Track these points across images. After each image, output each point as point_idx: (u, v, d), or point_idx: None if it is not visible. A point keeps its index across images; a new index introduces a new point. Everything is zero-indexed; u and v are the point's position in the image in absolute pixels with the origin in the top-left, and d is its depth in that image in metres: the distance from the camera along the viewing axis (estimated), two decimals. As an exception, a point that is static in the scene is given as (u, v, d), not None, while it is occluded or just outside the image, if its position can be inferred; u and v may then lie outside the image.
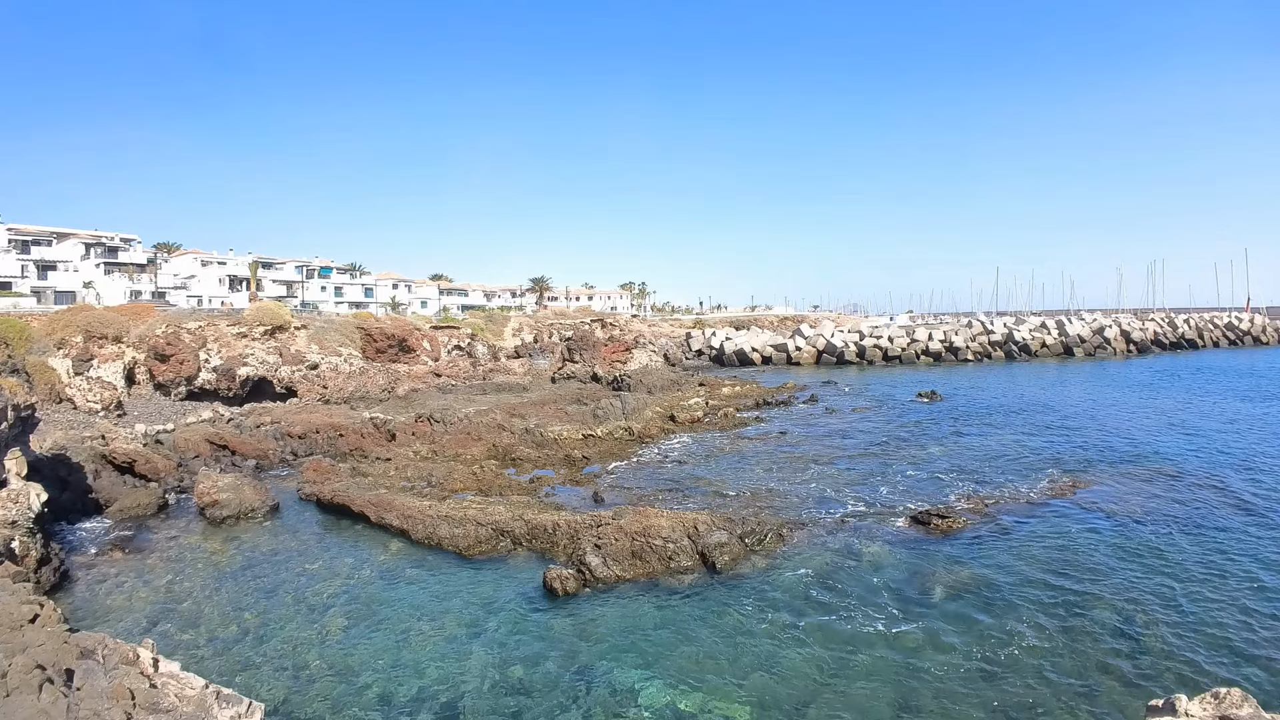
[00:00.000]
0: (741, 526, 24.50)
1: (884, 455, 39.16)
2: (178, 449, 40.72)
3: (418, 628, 19.96)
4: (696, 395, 57.72)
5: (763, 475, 35.03)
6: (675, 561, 22.58)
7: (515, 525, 26.08)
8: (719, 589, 21.60)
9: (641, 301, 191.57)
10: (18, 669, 9.38)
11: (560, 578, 21.58)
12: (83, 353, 56.80)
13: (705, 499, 30.85)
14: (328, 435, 44.31)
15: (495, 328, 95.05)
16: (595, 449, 42.47)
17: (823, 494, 31.40)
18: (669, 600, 21.02)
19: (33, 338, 56.21)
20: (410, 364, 72.37)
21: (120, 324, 61.01)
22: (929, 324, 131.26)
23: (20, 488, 26.16)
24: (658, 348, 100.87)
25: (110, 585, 23.85)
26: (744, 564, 22.96)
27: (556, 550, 24.65)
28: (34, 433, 30.99)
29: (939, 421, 50.17)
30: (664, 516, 24.54)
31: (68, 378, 53.15)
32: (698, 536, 23.35)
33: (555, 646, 18.57)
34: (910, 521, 26.98)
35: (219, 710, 10.02)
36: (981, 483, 32.68)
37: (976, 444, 41.84)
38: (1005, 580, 21.60)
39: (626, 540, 23.05)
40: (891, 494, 31.29)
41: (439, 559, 25.32)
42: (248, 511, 30.06)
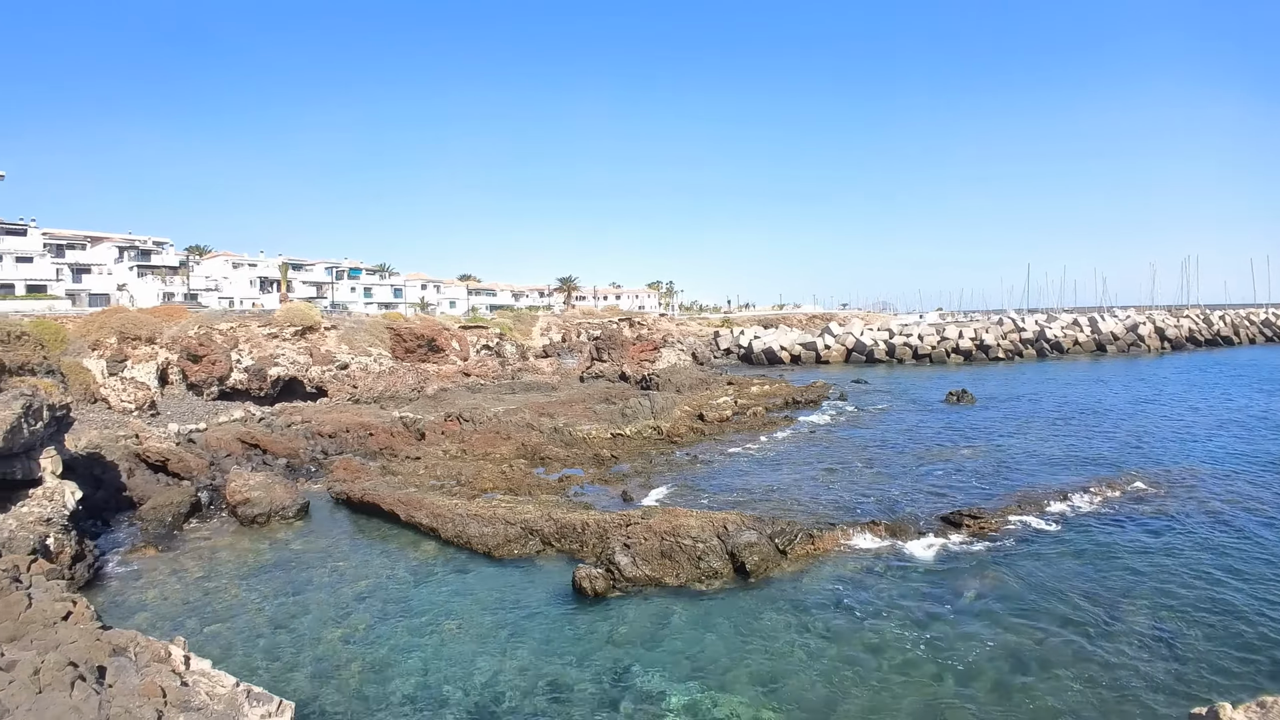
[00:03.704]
0: (771, 527, 24.14)
1: (914, 455, 38.64)
2: (210, 448, 40.95)
3: (447, 627, 19.88)
4: (725, 394, 57.24)
5: (792, 475, 34.66)
6: (705, 562, 22.30)
7: (544, 524, 25.95)
8: (749, 590, 21.37)
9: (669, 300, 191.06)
10: (50, 666, 9.33)
11: (589, 577, 21.41)
12: (117, 354, 57.26)
13: (734, 498, 30.57)
14: (357, 434, 44.42)
15: (523, 327, 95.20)
16: (623, 448, 42.28)
17: (853, 494, 31.05)
18: (698, 601, 20.81)
19: (68, 339, 56.71)
20: (439, 363, 72.51)
21: (153, 325, 61.45)
22: (959, 322, 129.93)
23: (55, 486, 26.40)
24: (686, 346, 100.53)
25: (143, 582, 23.97)
26: (773, 565, 22.67)
27: (585, 550, 24.50)
28: (69, 432, 31.21)
29: (970, 421, 49.51)
30: (693, 516, 24.27)
31: (102, 378, 53.61)
32: (727, 536, 23.05)
33: (584, 647, 18.42)
34: (942, 523, 26.55)
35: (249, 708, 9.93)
36: (1015, 484, 32.12)
37: (1009, 444, 41.14)
38: (1039, 583, 21.18)
39: (655, 540, 22.81)
40: (922, 495, 30.86)
41: (468, 558, 25.26)
42: (278, 510, 30.11)
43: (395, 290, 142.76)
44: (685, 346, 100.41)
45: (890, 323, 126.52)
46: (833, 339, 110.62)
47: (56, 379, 31.96)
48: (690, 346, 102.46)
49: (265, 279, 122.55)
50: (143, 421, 46.53)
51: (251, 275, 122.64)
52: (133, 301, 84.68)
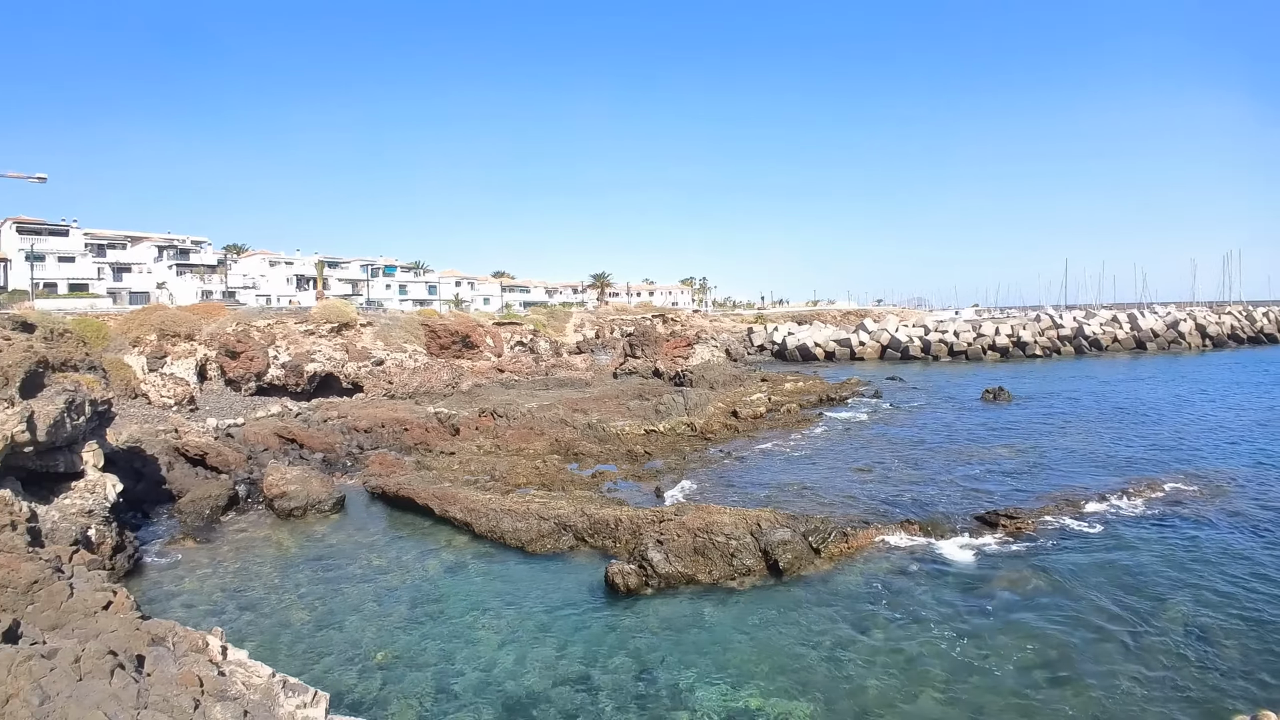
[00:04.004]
0: (805, 525, 23.86)
1: (950, 454, 38.09)
2: (247, 442, 41.36)
3: (480, 621, 19.89)
4: (759, 391, 56.84)
5: (826, 472, 34.36)
6: (738, 559, 22.11)
7: (577, 520, 25.90)
8: (782, 589, 21.17)
9: (703, 297, 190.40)
10: (90, 654, 9.40)
11: (622, 573, 21.32)
12: (157, 350, 58.11)
13: (768, 495, 30.34)
14: (393, 430, 44.65)
15: (557, 324, 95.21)
16: (657, 444, 42.15)
17: (887, 493, 30.68)
18: (731, 599, 20.66)
19: (109, 336, 57.68)
20: (473, 360, 72.79)
21: (192, 322, 62.29)
22: (995, 318, 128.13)
23: (97, 478, 26.78)
24: (719, 343, 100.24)
25: (181, 573, 24.25)
26: (807, 563, 22.43)
27: (618, 545, 24.40)
28: (110, 426, 31.64)
29: (1007, 420, 48.74)
30: (726, 513, 24.08)
31: (142, 374, 54.46)
32: (760, 534, 22.85)
33: (617, 643, 18.35)
34: (977, 522, 26.14)
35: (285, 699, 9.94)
36: (1051, 484, 31.54)
37: (1046, 443, 40.36)
38: (1075, 585, 20.74)
39: (689, 536, 22.65)
40: (958, 493, 30.43)
41: (502, 553, 25.27)
42: (315, 503, 30.33)
43: (430, 287, 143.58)
44: (719, 343, 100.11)
45: (926, 319, 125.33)
46: (867, 335, 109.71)
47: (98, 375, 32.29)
48: (724, 343, 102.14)
49: (302, 277, 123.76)
50: (182, 416, 47.14)
51: (288, 273, 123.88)
52: (172, 299, 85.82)
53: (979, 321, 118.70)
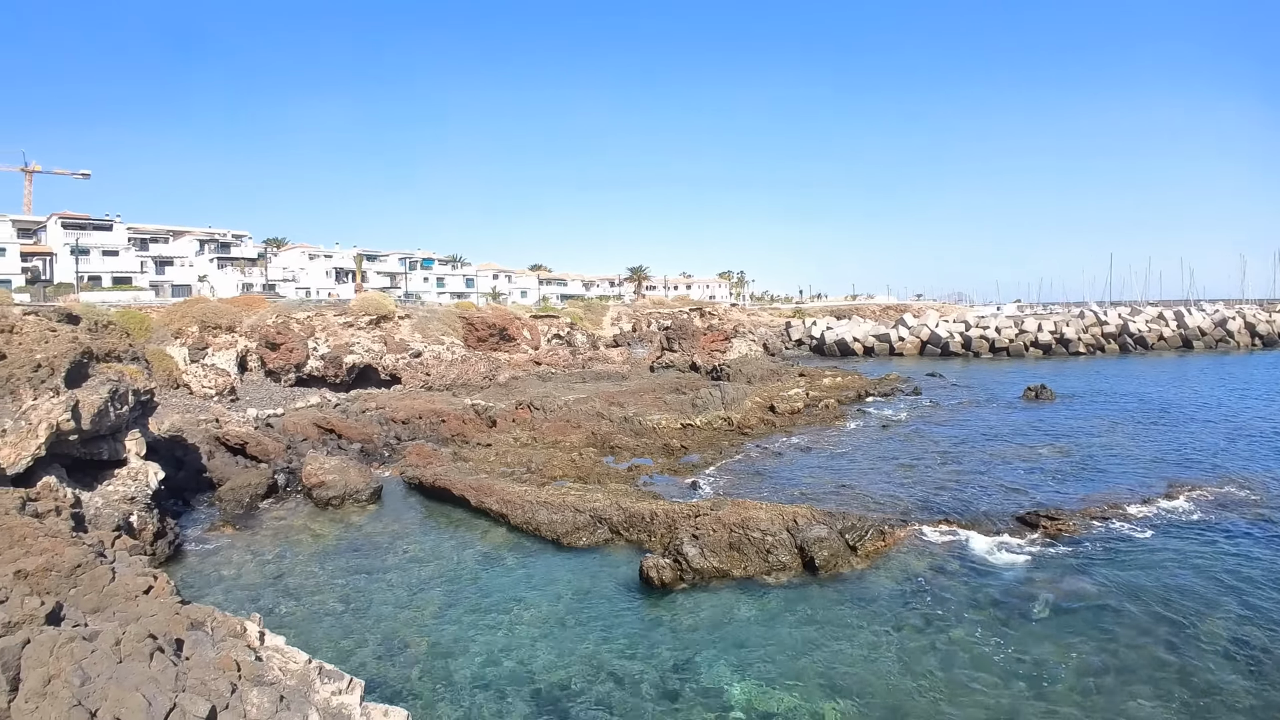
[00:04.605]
0: (842, 522, 23.58)
1: (990, 452, 37.38)
2: (287, 432, 41.76)
3: (515, 612, 19.88)
4: (797, 386, 56.37)
5: (864, 470, 33.98)
6: (773, 555, 21.88)
7: (613, 513, 25.83)
8: (817, 587, 20.89)
9: (740, 290, 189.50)
10: (131, 637, 9.45)
11: (657, 567, 21.17)
12: (198, 341, 58.82)
13: (805, 492, 29.99)
14: (430, 421, 44.89)
15: (594, 317, 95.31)
16: (693, 438, 42.02)
17: (926, 491, 30.20)
18: (766, 595, 20.45)
19: (152, 328, 58.52)
20: (511, 352, 73.03)
21: (233, 314, 63.01)
22: (1038, 314, 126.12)
23: (139, 466, 27.18)
24: (757, 337, 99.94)
25: (220, 559, 24.51)
26: (843, 561, 22.12)
27: (653, 539, 24.28)
28: (153, 416, 32.11)
29: (1049, 418, 47.75)
30: (763, 509, 23.88)
31: (184, 365, 55.15)
32: (797, 530, 22.61)
33: (650, 637, 18.25)
34: (1018, 523, 25.60)
35: (321, 685, 9.94)
36: (1095, 485, 30.82)
37: (1089, 443, 39.40)
38: (1116, 590, 20.17)
39: (724, 531, 22.47)
40: (998, 493, 29.84)
41: (537, 545, 25.27)
42: (352, 493, 30.54)
43: (467, 280, 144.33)
44: (756, 337, 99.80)
45: (966, 314, 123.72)
46: (907, 331, 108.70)
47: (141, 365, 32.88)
48: (761, 337, 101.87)
49: (340, 269, 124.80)
50: (223, 406, 47.71)
51: (327, 266, 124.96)
52: (213, 292, 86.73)
53: (1021, 317, 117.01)
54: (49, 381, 24.52)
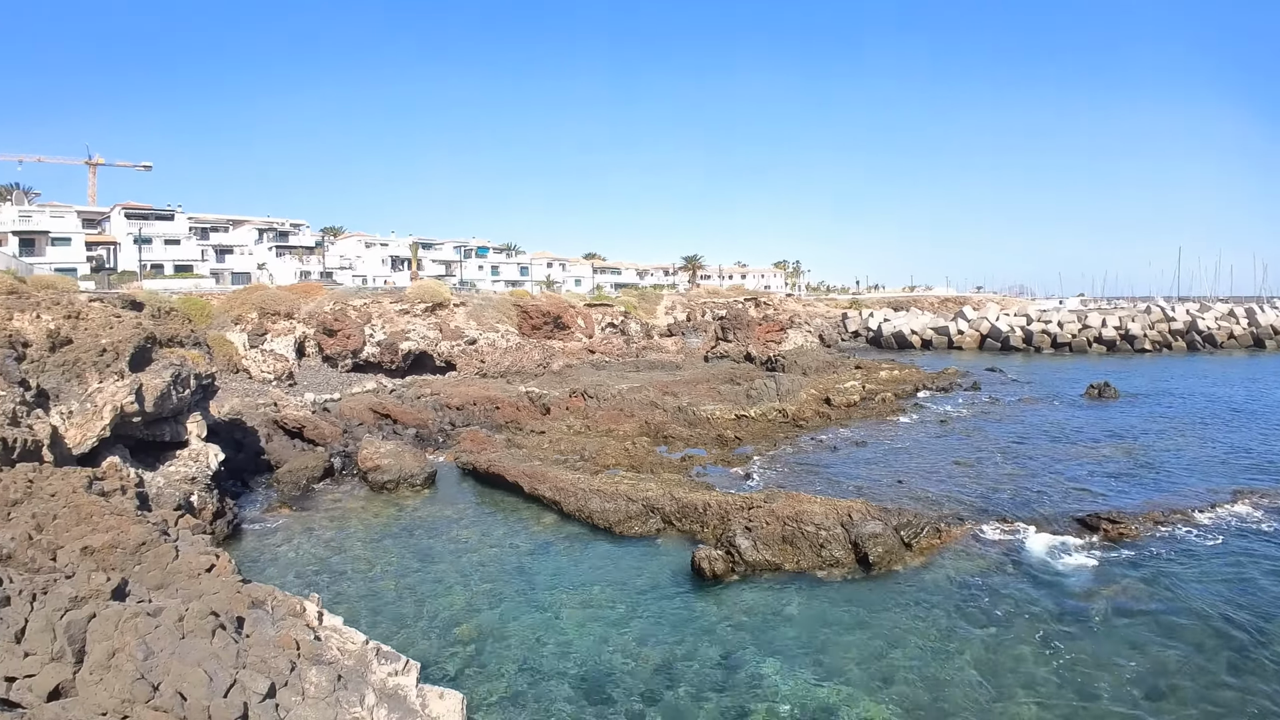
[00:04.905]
0: (897, 518, 23.05)
1: (1050, 451, 36.25)
2: (343, 417, 42.25)
3: (565, 600, 19.84)
4: (853, 378, 55.63)
5: (920, 465, 33.33)
6: (827, 550, 21.50)
7: (665, 503, 25.61)
8: (870, 583, 20.50)
9: (795, 280, 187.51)
10: (194, 614, 9.54)
11: (709, 559, 20.95)
12: (257, 328, 59.82)
13: (859, 486, 29.50)
14: (484, 407, 45.13)
15: (648, 306, 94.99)
16: (747, 430, 41.63)
17: (983, 489, 29.46)
18: (818, 591, 20.09)
19: (212, 314, 59.77)
20: (565, 340, 73.17)
21: (291, 302, 63.96)
22: (1102, 309, 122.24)
23: (200, 448, 27.70)
24: (813, 328, 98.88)
25: (278, 540, 24.87)
26: (897, 558, 21.67)
27: (706, 531, 24.03)
28: (213, 399, 32.66)
29: (1112, 418, 46.15)
30: (817, 502, 23.48)
31: (244, 350, 56.20)
32: (851, 525, 22.16)
33: (700, 629, 18.05)
34: (1078, 525, 24.78)
35: (377, 666, 9.95)
36: (1158, 488, 29.66)
37: (1154, 444, 37.93)
38: (1178, 599, 19.33)
39: (777, 524, 22.16)
40: (1057, 493, 28.93)
41: (589, 533, 25.20)
42: (407, 477, 30.78)
43: (522, 268, 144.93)
44: (812, 328, 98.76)
45: (1028, 308, 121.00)
46: (966, 324, 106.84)
47: (203, 350, 33.37)
48: (817, 328, 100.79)
49: (396, 258, 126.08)
50: (281, 390, 48.41)
51: (383, 254, 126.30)
52: (272, 279, 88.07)
53: (1084, 312, 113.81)
54: (114, 365, 24.98)
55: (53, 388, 23.34)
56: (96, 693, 8.66)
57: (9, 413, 18.91)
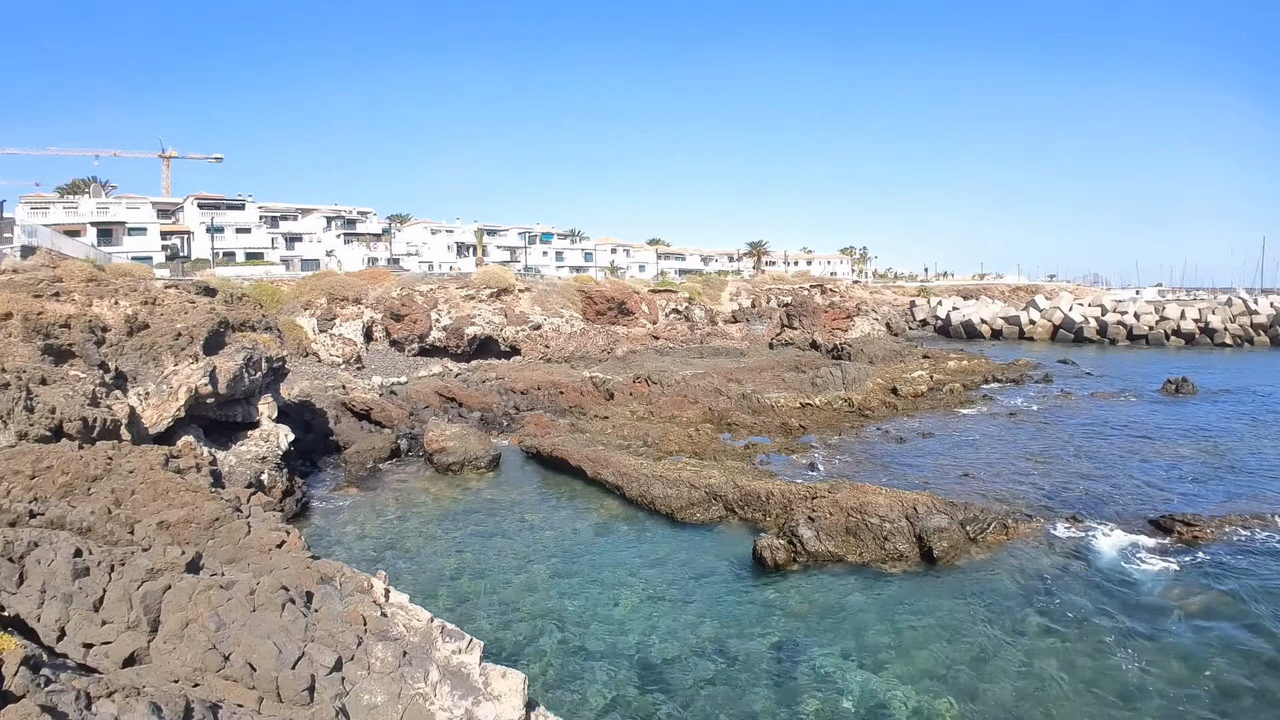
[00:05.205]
0: (963, 513, 22.61)
1: (1123, 449, 34.93)
2: (410, 400, 42.90)
3: (626, 584, 19.86)
4: (920, 368, 54.61)
5: (988, 459, 32.57)
6: (890, 543, 21.15)
7: (728, 490, 25.44)
8: (934, 578, 20.09)
9: (862, 267, 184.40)
10: (264, 588, 9.70)
11: (771, 547, 20.77)
12: (326, 313, 60.98)
13: (925, 479, 28.98)
14: (548, 392, 45.40)
15: (712, 292, 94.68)
16: (812, 418, 41.20)
17: (1053, 486, 28.58)
18: (880, 583, 19.77)
19: (283, 300, 61.16)
20: (628, 326, 73.29)
21: (359, 287, 65.07)
22: (1181, 300, 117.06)
23: (271, 428, 28.34)
24: (879, 316, 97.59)
25: (344, 518, 25.34)
26: (962, 552, 21.20)
27: (768, 519, 23.80)
28: (284, 382, 33.36)
29: (1190, 415, 44.12)
30: (882, 494, 23.06)
31: (313, 335, 57.34)
32: (916, 519, 21.74)
33: (760, 618, 17.91)
34: (1150, 526, 23.82)
35: (442, 643, 10.00)
36: (1237, 490, 28.33)
37: (1234, 444, 36.04)
38: (1253, 607, 18.40)
39: (841, 515, 21.84)
40: (1130, 493, 27.89)
41: (651, 518, 25.16)
42: (472, 459, 31.09)
43: (586, 254, 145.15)
44: (879, 316, 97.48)
45: (1102, 298, 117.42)
46: (1038, 314, 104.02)
47: (273, 335, 34.06)
48: (884, 316, 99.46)
49: (461, 244, 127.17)
50: (349, 374, 49.27)
51: (448, 241, 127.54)
52: (340, 266, 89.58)
53: (1162, 303, 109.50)
54: (188, 349, 25.63)
55: (130, 370, 24.06)
56: (169, 661, 8.87)
57: (89, 394, 19.52)
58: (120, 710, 7.10)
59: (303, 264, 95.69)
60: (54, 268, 29.63)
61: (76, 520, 12.01)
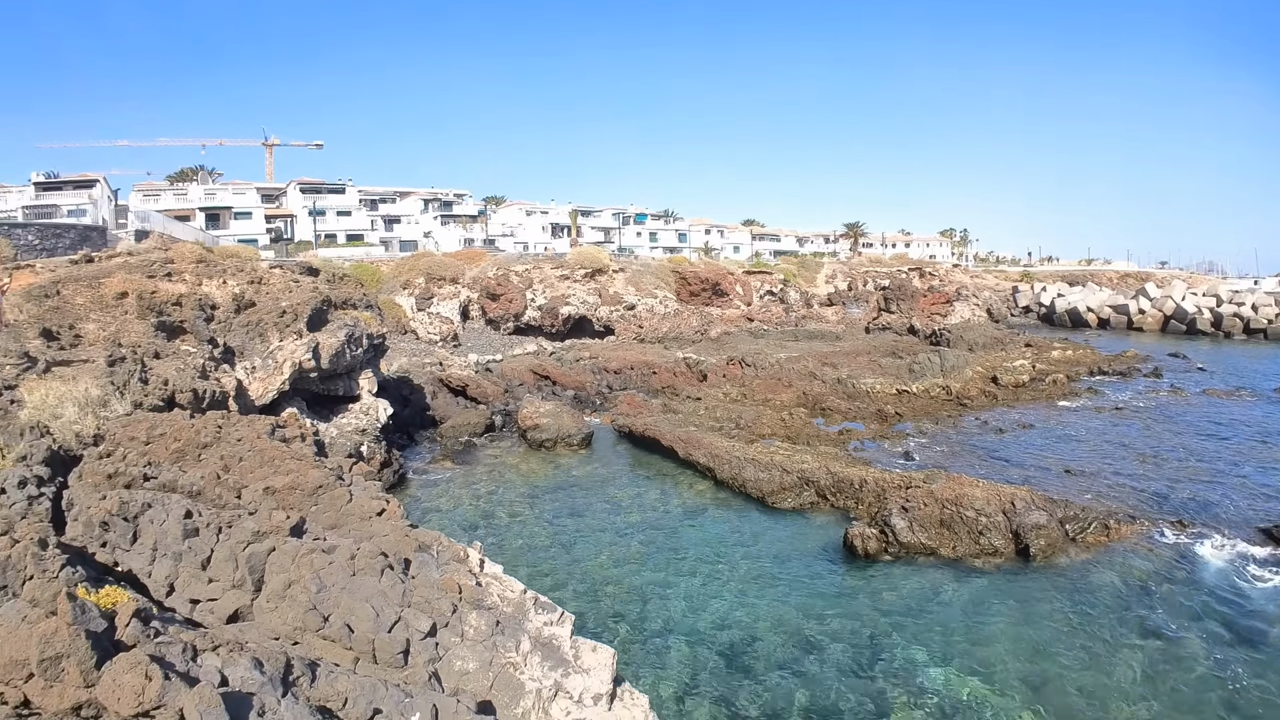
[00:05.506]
0: (1063, 510, 21.66)
1: (1237, 451, 32.42)
2: (505, 377, 43.54)
3: (713, 566, 19.75)
4: (1022, 357, 52.57)
5: (1091, 455, 30.98)
6: (985, 538, 20.43)
7: (821, 476, 24.98)
8: (1029, 577, 19.25)
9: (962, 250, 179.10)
10: (364, 553, 9.90)
11: (862, 536, 20.37)
12: (424, 292, 62.35)
13: (1024, 473, 27.74)
14: (641, 372, 45.50)
15: (807, 274, 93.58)
16: (908, 405, 40.27)
17: (1160, 487, 26.78)
18: (973, 579, 19.09)
19: (382, 279, 62.92)
20: (722, 308, 73.04)
21: (456, 267, 66.33)
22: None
23: (370, 402, 29.14)
24: (980, 301, 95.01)
25: (439, 490, 25.89)
26: (1060, 553, 20.29)
27: (860, 508, 23.27)
28: (383, 358, 34.16)
29: None
30: (979, 486, 22.26)
31: (411, 313, 58.73)
32: (1014, 514, 20.94)
33: (848, 608, 17.54)
34: (1263, 535, 22.15)
35: (535, 615, 10.06)
36: None
37: None
38: None
39: (936, 507, 21.23)
40: (1242, 499, 25.78)
41: (741, 502, 24.95)
42: (564, 437, 31.40)
43: (680, 235, 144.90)
44: (980, 301, 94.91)
45: (1218, 287, 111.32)
46: (1148, 303, 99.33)
47: (374, 313, 34.96)
48: (985, 301, 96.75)
49: (556, 225, 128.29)
50: (446, 351, 50.29)
51: (543, 222, 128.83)
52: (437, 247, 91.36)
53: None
54: (293, 326, 26.47)
55: (238, 346, 25.02)
56: (271, 619, 9.15)
57: (199, 367, 20.39)
58: (224, 664, 7.33)
59: (401, 245, 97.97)
60: (166, 250, 31.16)
61: (187, 484, 12.48)
